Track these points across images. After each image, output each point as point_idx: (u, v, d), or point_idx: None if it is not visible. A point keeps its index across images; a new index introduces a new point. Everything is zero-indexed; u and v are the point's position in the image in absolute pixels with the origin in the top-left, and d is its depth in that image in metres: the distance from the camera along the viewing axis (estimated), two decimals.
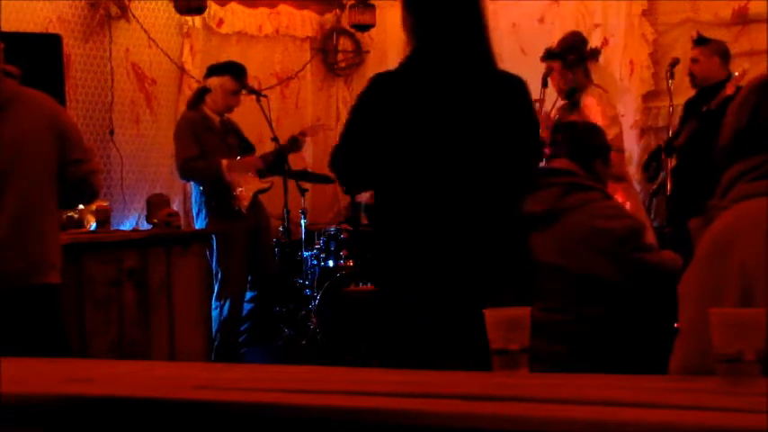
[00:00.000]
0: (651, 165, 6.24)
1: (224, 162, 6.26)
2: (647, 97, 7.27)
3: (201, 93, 6.45)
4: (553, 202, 3.50)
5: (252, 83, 6.93)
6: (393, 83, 3.15)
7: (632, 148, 6.98)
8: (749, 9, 6.80)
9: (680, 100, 6.24)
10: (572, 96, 5.92)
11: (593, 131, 3.89)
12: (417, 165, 3.06)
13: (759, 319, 1.80)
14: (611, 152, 3.87)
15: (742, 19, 6.81)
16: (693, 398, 1.70)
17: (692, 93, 6.18)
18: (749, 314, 1.82)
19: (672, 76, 6.09)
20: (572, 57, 6.00)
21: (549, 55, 6.07)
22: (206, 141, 6.29)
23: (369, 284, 6.63)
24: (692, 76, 6.04)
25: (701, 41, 6.09)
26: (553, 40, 6.51)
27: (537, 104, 6.10)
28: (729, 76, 5.84)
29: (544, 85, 6.04)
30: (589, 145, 3.71)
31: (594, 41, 7.01)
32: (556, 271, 3.44)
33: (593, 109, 5.80)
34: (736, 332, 1.79)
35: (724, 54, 6.03)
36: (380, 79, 3.19)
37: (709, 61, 5.98)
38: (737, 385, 1.75)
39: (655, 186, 6.13)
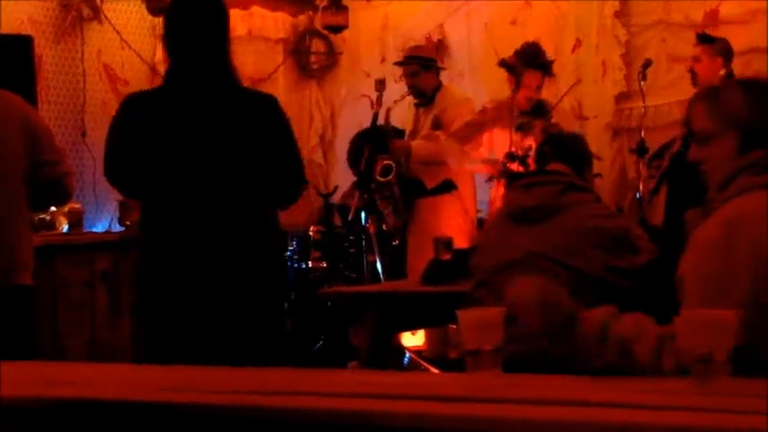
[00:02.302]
0: (653, 163, 6.02)
1: None
2: (620, 98, 7.28)
3: None
4: (550, 199, 3.57)
5: None
6: (143, 102, 3.45)
7: (605, 149, 6.99)
8: (720, 11, 6.83)
9: (652, 101, 6.23)
10: (539, 112, 5.86)
11: (579, 140, 4.04)
12: (166, 177, 3.34)
13: (730, 320, 1.82)
14: None
15: (713, 21, 6.82)
16: (666, 399, 1.72)
17: (663, 94, 6.19)
18: (720, 315, 1.84)
19: (644, 78, 6.02)
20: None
21: (543, 64, 5.99)
22: None
23: (342, 285, 6.62)
24: (692, 74, 5.78)
25: (704, 39, 5.83)
26: (526, 41, 6.44)
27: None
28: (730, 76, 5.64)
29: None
30: (577, 153, 3.84)
31: (567, 42, 7.01)
32: (552, 262, 3.49)
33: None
34: (707, 333, 1.80)
35: (727, 55, 5.76)
36: (132, 99, 3.48)
37: (712, 61, 5.71)
38: (709, 385, 1.76)
39: (653, 185, 6.04)
